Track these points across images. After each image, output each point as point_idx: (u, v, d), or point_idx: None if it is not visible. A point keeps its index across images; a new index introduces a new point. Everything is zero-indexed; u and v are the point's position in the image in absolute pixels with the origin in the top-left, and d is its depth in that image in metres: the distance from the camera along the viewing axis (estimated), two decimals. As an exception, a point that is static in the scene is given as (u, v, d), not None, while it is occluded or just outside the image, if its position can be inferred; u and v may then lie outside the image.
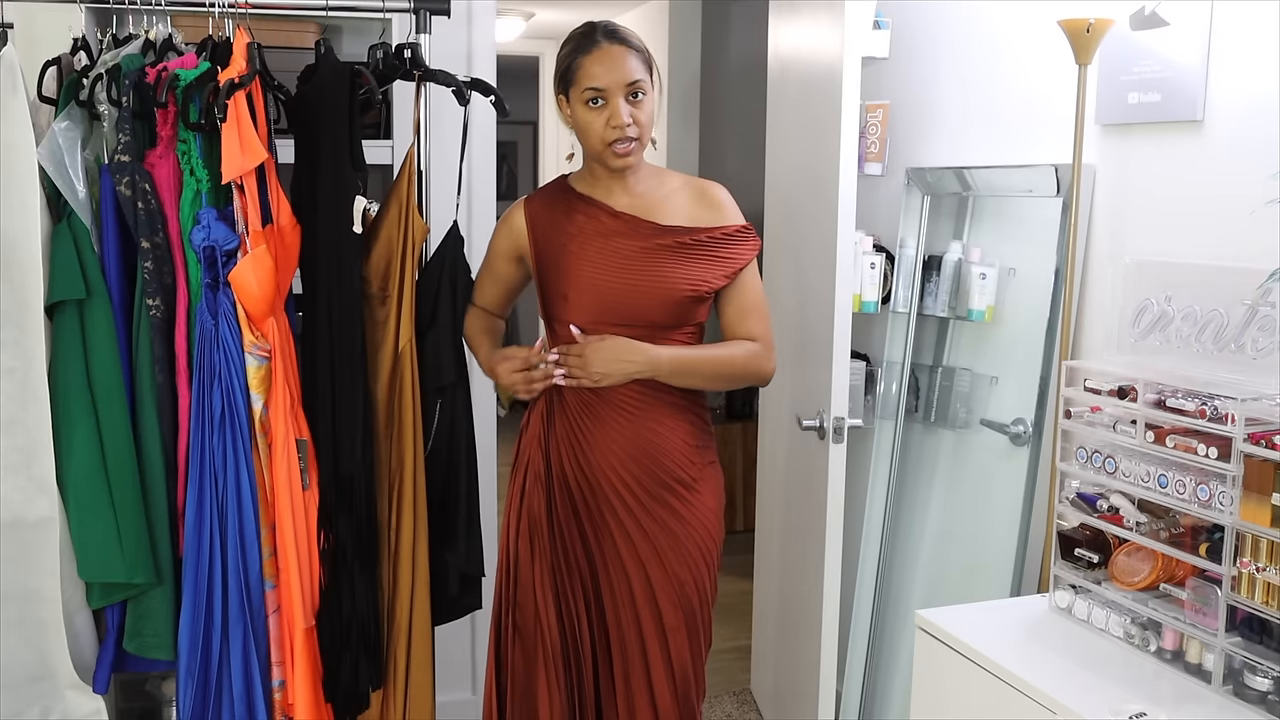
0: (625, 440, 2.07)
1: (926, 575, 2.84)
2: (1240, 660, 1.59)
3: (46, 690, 2.04)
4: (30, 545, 1.99)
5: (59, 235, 1.99)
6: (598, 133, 2.00)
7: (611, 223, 2.08)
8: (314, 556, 2.09)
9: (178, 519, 2.06)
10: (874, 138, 2.97)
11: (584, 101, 2.00)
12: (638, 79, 2.00)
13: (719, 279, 2.09)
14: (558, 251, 2.09)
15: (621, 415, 2.08)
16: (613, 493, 2.07)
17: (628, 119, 1.98)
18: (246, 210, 1.99)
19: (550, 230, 2.11)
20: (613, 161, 2.02)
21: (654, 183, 2.13)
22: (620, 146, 2.00)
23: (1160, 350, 1.87)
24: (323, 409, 2.10)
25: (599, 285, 2.06)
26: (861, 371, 2.96)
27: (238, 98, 1.95)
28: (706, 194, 2.15)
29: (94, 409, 2.00)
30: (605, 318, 2.06)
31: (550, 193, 2.17)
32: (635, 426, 2.07)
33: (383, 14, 2.33)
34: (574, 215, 2.10)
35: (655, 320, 2.06)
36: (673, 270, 2.06)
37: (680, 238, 2.08)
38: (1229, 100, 2.00)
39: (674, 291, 2.05)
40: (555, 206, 2.13)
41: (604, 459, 2.07)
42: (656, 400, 2.09)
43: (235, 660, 2.05)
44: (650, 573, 2.08)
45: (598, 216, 2.09)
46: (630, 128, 1.99)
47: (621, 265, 2.06)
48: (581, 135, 2.04)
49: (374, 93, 2.14)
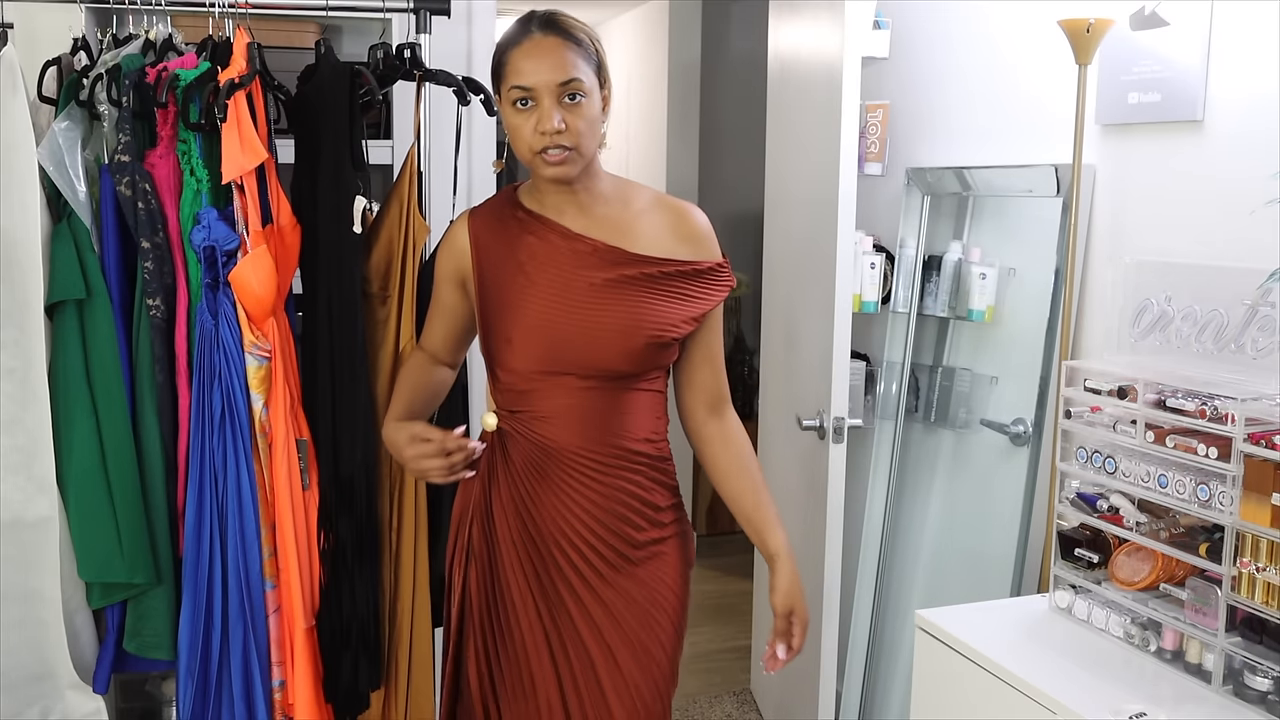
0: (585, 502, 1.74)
1: (926, 575, 2.84)
2: (1240, 660, 1.59)
3: (47, 690, 2.04)
4: (30, 545, 1.99)
5: (59, 235, 1.99)
6: (525, 139, 1.67)
7: (567, 247, 1.73)
8: (314, 556, 2.09)
9: (178, 519, 2.06)
10: (874, 138, 2.97)
11: (511, 102, 1.67)
12: (573, 77, 1.65)
13: (688, 323, 1.76)
14: (503, 282, 1.74)
15: (580, 475, 1.74)
16: (566, 562, 1.76)
17: (558, 124, 1.63)
18: (246, 210, 1.99)
19: (496, 254, 1.76)
20: (543, 170, 1.69)
21: (616, 200, 1.78)
22: (551, 154, 1.66)
23: (1160, 350, 1.87)
24: (323, 409, 2.10)
25: (551, 326, 1.70)
26: (861, 371, 2.96)
27: (238, 98, 1.95)
28: (684, 220, 1.80)
29: (94, 409, 2.00)
30: (554, 366, 1.71)
31: (495, 207, 1.81)
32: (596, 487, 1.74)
33: (383, 14, 2.33)
34: (524, 237, 1.75)
35: (614, 369, 1.72)
36: (639, 309, 1.71)
37: (649, 269, 1.73)
38: (1229, 100, 2.00)
39: (639, 334, 1.71)
40: (502, 225, 1.77)
41: (557, 525, 1.75)
42: (621, 457, 1.75)
43: (235, 660, 2.05)
44: (613, 648, 1.77)
45: (549, 239, 1.74)
46: (562, 134, 1.64)
47: (579, 302, 1.71)
48: (512, 141, 1.71)
49: (374, 93, 2.14)
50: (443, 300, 1.87)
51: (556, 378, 1.72)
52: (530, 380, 1.73)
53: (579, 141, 1.66)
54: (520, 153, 1.71)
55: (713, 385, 1.85)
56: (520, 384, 1.74)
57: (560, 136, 1.64)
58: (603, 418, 1.74)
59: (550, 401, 1.73)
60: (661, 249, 1.76)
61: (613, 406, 1.74)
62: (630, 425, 1.76)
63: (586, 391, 1.72)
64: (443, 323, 1.89)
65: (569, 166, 1.68)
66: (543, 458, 1.75)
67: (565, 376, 1.72)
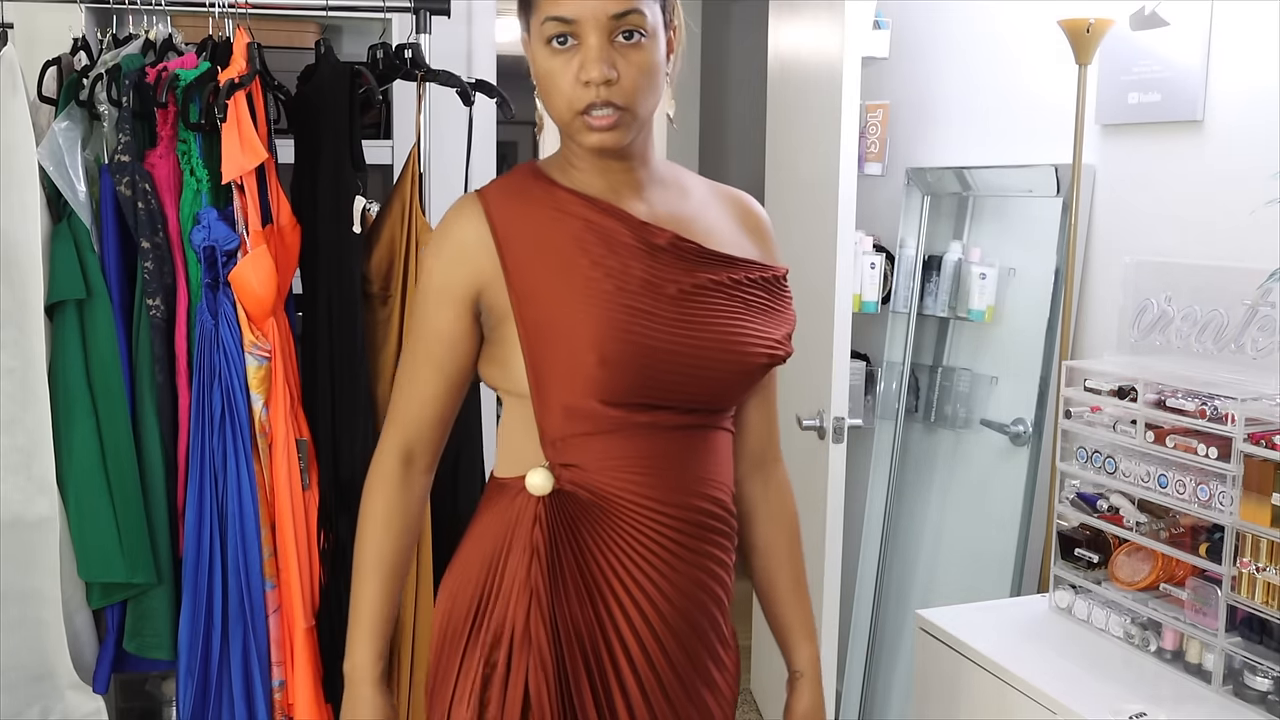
0: (664, 583, 1.29)
1: (926, 575, 2.84)
2: (1240, 660, 1.59)
3: (47, 690, 2.04)
4: (30, 545, 1.99)
5: (59, 235, 1.99)
6: (563, 92, 1.22)
7: (636, 239, 1.27)
8: (314, 556, 2.09)
9: (178, 519, 2.06)
10: (874, 138, 2.97)
11: (545, 40, 1.22)
12: (632, 8, 1.20)
13: (787, 341, 1.36)
14: (564, 282, 1.25)
15: (659, 543, 1.29)
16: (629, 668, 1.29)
17: (609, 71, 1.19)
18: (246, 210, 1.99)
19: (538, 245, 1.26)
20: (584, 138, 1.23)
21: (673, 184, 1.36)
22: (597, 116, 1.21)
23: (1160, 350, 1.87)
24: (323, 409, 2.10)
25: (649, 341, 1.24)
26: (861, 371, 2.96)
27: (238, 98, 1.95)
28: (752, 213, 1.43)
29: (94, 409, 2.00)
30: (653, 396, 1.26)
31: (518, 186, 1.31)
32: (676, 563, 1.30)
33: (383, 14, 2.33)
34: (567, 223, 1.27)
35: (723, 399, 1.32)
36: (738, 322, 1.30)
37: (735, 273, 1.32)
38: (1229, 100, 2.00)
39: (753, 354, 1.30)
40: (534, 209, 1.28)
41: (624, 610, 1.29)
42: (707, 520, 1.32)
43: (235, 660, 2.05)
44: None
45: (609, 227, 1.27)
46: (612, 87, 1.20)
47: (675, 312, 1.27)
48: (543, 96, 1.26)
49: (374, 93, 2.14)
50: (442, 333, 1.30)
51: (650, 413, 1.27)
52: (611, 419, 1.26)
53: (634, 99, 1.22)
54: (555, 111, 1.25)
55: (764, 431, 1.46)
56: (599, 424, 1.26)
57: (610, 90, 1.20)
58: (693, 465, 1.31)
59: (632, 444, 1.27)
60: (740, 248, 1.36)
61: (704, 450, 1.32)
62: (718, 473, 1.34)
63: (681, 432, 1.29)
64: (438, 375, 1.31)
65: (618, 133, 1.23)
66: (604, 522, 1.28)
67: (661, 411, 1.27)
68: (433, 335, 1.30)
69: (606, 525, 1.28)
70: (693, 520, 1.30)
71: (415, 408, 1.34)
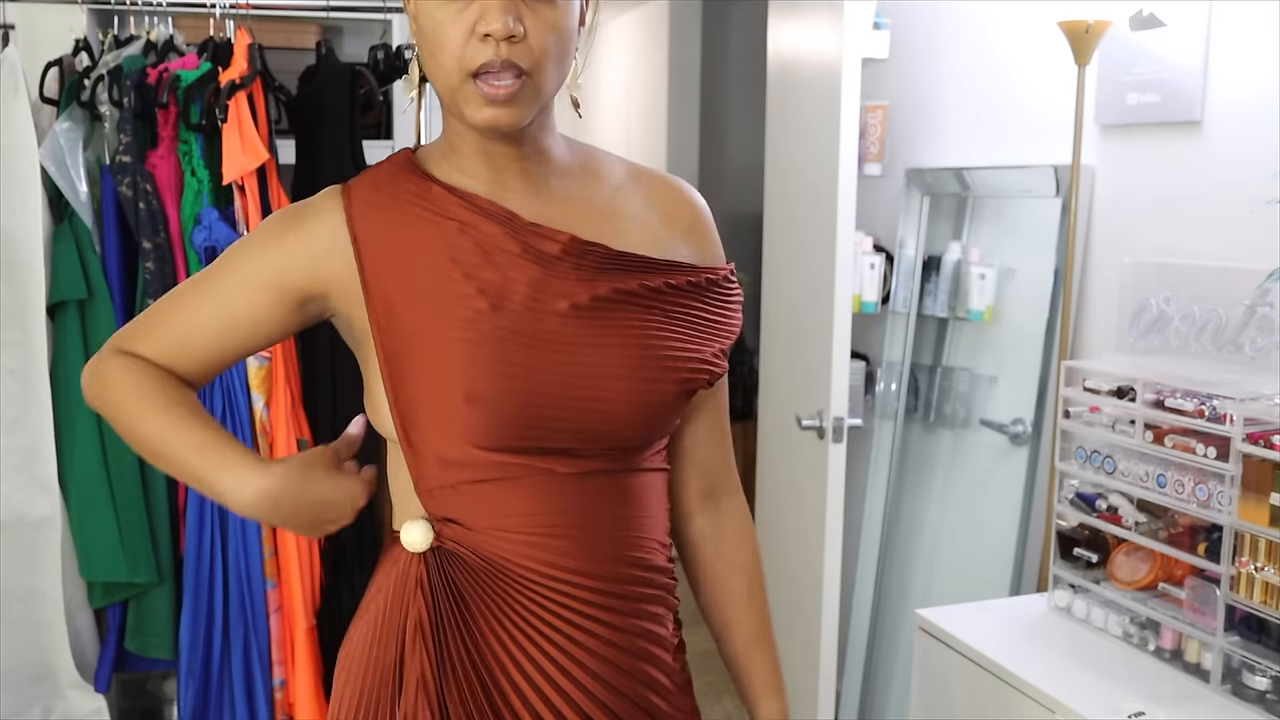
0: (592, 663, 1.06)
1: (926, 575, 2.85)
2: (1239, 659, 1.59)
3: (48, 689, 2.04)
4: (32, 545, 1.99)
5: (61, 236, 2.00)
6: (450, 50, 0.99)
7: (521, 246, 1.05)
8: (315, 556, 2.09)
9: (179, 519, 2.07)
10: (874, 138, 2.98)
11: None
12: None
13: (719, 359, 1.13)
14: (431, 306, 1.03)
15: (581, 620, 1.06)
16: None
17: (514, 25, 0.97)
18: (248, 210, 1.99)
19: (407, 260, 1.05)
20: (473, 111, 1.00)
21: (581, 171, 1.13)
22: (494, 84, 0.99)
23: (1159, 350, 1.88)
24: (323, 409, 2.11)
25: (529, 376, 1.02)
26: (861, 371, 2.97)
27: (239, 98, 1.96)
28: (681, 202, 1.17)
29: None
30: (539, 440, 1.04)
31: (387, 181, 1.10)
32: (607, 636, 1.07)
33: (383, 14, 2.33)
34: (443, 227, 1.05)
35: (630, 436, 1.08)
36: (653, 340, 1.07)
37: (651, 280, 1.09)
38: (1228, 101, 2.01)
39: (666, 379, 1.07)
40: (403, 210, 1.07)
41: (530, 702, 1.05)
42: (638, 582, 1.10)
43: (236, 659, 2.05)
44: None
45: (487, 231, 1.05)
46: (516, 45, 0.98)
47: (565, 335, 1.04)
48: (426, 53, 1.03)
49: (374, 93, 2.15)
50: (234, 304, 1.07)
51: (542, 458, 1.04)
52: (493, 466, 1.03)
53: (540, 62, 1.00)
54: (440, 74, 1.01)
55: (713, 460, 1.23)
56: (477, 472, 1.04)
57: (514, 49, 0.98)
58: (609, 521, 1.08)
59: (524, 497, 1.04)
60: (663, 247, 1.12)
61: (622, 500, 1.09)
62: (645, 526, 1.11)
63: (586, 480, 1.06)
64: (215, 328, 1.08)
65: (516, 108, 1.00)
66: (497, 592, 1.04)
67: (555, 457, 1.04)
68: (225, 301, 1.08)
69: (500, 596, 1.04)
70: (611, 591, 1.07)
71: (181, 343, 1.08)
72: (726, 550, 1.25)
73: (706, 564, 1.25)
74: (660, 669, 1.11)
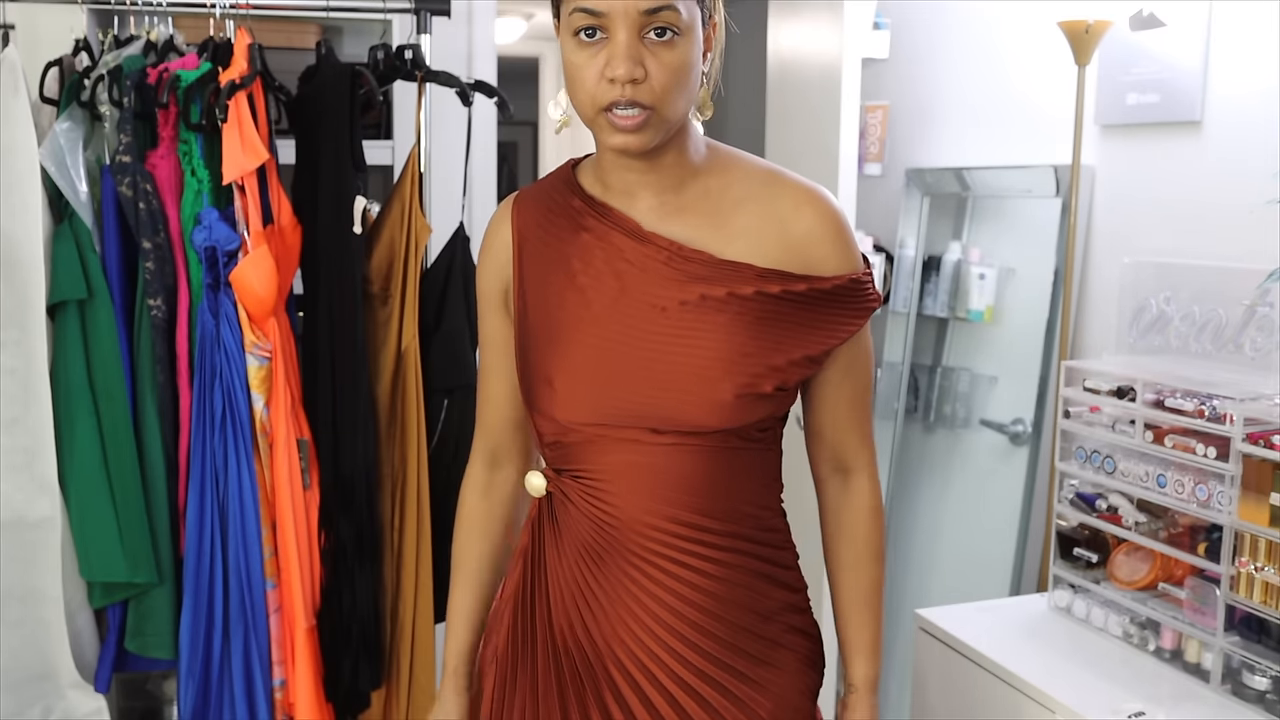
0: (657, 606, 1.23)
1: (926, 575, 2.85)
2: (1238, 659, 1.60)
3: (48, 689, 2.04)
4: (32, 545, 1.99)
5: (60, 235, 2.00)
6: (586, 88, 1.15)
7: (634, 251, 1.22)
8: (315, 556, 2.09)
9: (179, 518, 2.07)
10: (874, 138, 2.98)
11: (573, 31, 1.15)
12: (665, 4, 1.12)
13: (799, 366, 1.23)
14: (548, 297, 1.25)
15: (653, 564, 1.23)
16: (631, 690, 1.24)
17: (635, 69, 1.12)
18: (248, 210, 1.99)
19: (543, 257, 1.27)
20: (607, 137, 1.17)
21: (716, 183, 1.25)
22: (620, 115, 1.14)
23: (1159, 350, 1.88)
24: (324, 409, 2.11)
25: (605, 367, 1.21)
26: (861, 371, 2.97)
27: (239, 98, 1.96)
28: (798, 213, 1.24)
29: (95, 409, 2.00)
30: (611, 419, 1.21)
31: (546, 191, 1.30)
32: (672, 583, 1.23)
33: (383, 14, 2.33)
34: (578, 234, 1.25)
35: (698, 424, 1.20)
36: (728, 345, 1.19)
37: (743, 289, 1.20)
38: (1228, 101, 2.01)
39: (725, 384, 1.19)
40: (553, 216, 1.27)
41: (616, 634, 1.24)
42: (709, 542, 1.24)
43: (236, 660, 2.05)
44: None
45: (611, 238, 1.23)
46: (638, 86, 1.13)
47: (647, 332, 1.21)
48: (569, 89, 1.20)
49: (374, 93, 2.15)
50: (493, 337, 1.33)
51: (618, 431, 1.22)
52: (581, 432, 1.23)
53: (662, 99, 1.14)
54: (580, 106, 1.18)
55: (842, 440, 1.33)
56: (568, 436, 1.24)
57: (636, 89, 1.13)
58: (687, 484, 1.22)
59: (611, 458, 1.23)
60: (762, 255, 1.21)
61: (704, 469, 1.22)
62: (728, 495, 1.25)
63: (665, 450, 1.21)
64: (499, 378, 1.34)
65: (644, 135, 1.15)
66: (600, 536, 1.24)
67: (629, 430, 1.21)
68: (486, 341, 1.35)
69: (596, 540, 1.24)
70: (688, 540, 1.22)
71: (491, 412, 1.38)
72: (846, 522, 1.38)
73: (829, 532, 1.40)
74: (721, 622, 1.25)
